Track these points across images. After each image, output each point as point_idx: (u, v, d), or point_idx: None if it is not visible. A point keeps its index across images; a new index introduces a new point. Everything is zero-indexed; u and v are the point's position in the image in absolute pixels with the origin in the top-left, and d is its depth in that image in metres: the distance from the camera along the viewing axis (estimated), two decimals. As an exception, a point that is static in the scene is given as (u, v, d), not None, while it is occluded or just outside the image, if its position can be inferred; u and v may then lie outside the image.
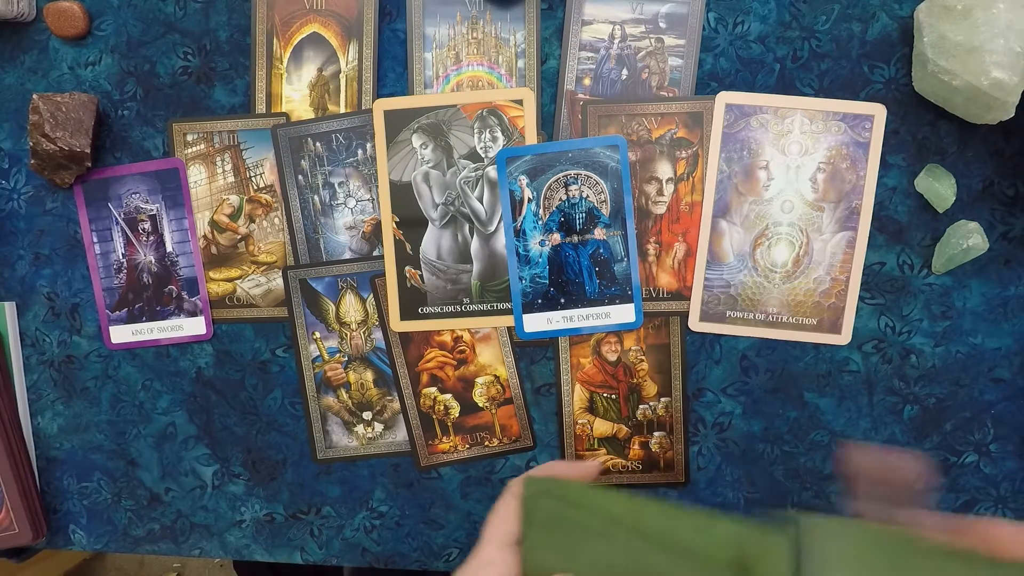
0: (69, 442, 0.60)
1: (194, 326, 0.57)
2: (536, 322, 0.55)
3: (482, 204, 0.55)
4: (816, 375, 0.54)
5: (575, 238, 0.54)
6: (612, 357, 0.55)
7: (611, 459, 0.56)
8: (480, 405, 0.57)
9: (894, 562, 0.32)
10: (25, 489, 0.58)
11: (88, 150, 0.54)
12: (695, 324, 0.54)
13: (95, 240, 0.57)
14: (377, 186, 0.55)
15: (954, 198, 0.51)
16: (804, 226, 0.53)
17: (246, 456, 0.59)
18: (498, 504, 0.40)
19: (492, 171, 0.54)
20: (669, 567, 0.34)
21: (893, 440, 0.54)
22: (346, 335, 0.57)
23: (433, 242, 0.55)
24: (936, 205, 0.51)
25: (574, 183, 0.54)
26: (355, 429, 0.58)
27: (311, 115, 0.55)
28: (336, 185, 0.55)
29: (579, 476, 0.42)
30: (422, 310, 0.55)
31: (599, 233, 0.54)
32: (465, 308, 0.55)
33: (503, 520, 0.39)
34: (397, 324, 0.56)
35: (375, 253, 0.56)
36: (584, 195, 0.54)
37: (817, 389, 0.54)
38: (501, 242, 0.55)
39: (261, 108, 0.55)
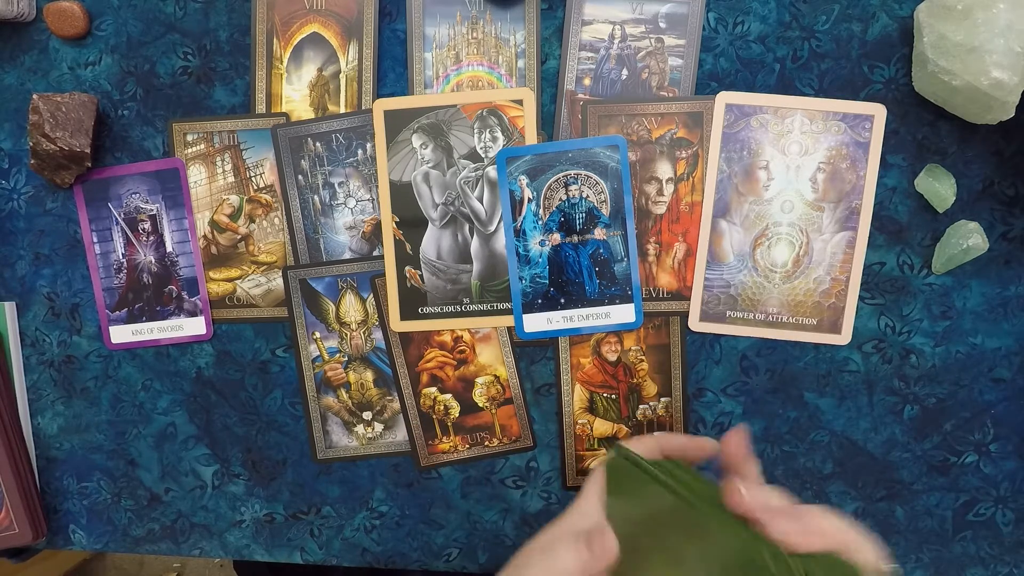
0: (69, 442, 0.60)
1: (194, 326, 0.57)
2: (536, 322, 0.55)
3: (482, 204, 0.55)
4: (816, 375, 0.54)
5: (575, 238, 0.54)
6: (612, 357, 0.55)
7: (611, 459, 0.56)
8: (480, 405, 0.57)
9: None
10: (25, 489, 0.58)
11: (88, 150, 0.54)
12: (695, 324, 0.54)
13: (95, 240, 0.57)
14: (377, 186, 0.55)
15: (954, 198, 0.51)
16: (804, 226, 0.53)
17: (246, 456, 0.59)
18: (595, 466, 0.44)
19: (492, 171, 0.54)
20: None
21: (893, 440, 0.54)
22: (346, 335, 0.57)
23: (433, 242, 0.55)
24: (936, 205, 0.51)
25: (574, 183, 0.53)
26: (355, 429, 0.58)
27: (311, 115, 0.55)
28: (336, 185, 0.55)
29: (695, 452, 0.45)
30: (422, 310, 0.55)
31: (599, 233, 0.54)
32: (465, 308, 0.55)
33: (598, 477, 0.43)
34: (397, 324, 0.56)
35: (375, 253, 0.56)
36: (584, 195, 0.54)
37: (817, 389, 0.54)
38: (501, 242, 0.55)
39: (261, 108, 0.55)
